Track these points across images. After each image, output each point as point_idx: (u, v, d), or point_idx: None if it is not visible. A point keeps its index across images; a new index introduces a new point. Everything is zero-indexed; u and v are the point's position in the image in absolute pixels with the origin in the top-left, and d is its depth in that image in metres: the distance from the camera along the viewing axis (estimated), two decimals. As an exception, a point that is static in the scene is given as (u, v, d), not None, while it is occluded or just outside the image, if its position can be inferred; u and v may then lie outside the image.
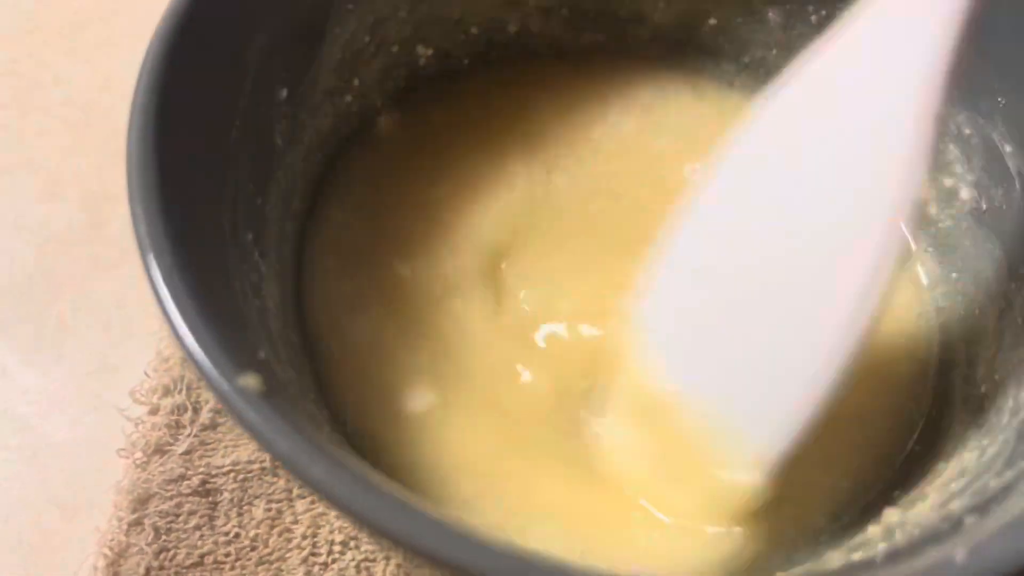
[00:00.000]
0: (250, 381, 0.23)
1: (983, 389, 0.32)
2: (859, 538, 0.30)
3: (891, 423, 0.34)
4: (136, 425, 0.36)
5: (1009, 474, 0.26)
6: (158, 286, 0.24)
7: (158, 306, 0.24)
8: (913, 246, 0.38)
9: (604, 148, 0.39)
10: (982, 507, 0.25)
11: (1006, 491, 0.25)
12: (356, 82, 0.37)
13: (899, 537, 0.28)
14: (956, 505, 0.27)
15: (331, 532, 0.34)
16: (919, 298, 0.37)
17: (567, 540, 0.29)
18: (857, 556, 0.28)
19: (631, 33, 0.41)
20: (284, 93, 0.33)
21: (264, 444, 0.22)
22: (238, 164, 0.30)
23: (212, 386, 0.22)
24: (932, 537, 0.26)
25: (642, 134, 0.39)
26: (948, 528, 0.25)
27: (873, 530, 0.30)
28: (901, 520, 0.29)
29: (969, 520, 0.25)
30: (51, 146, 0.44)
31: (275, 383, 0.24)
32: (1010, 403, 0.30)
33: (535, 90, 0.40)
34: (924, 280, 0.37)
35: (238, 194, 0.30)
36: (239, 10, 0.31)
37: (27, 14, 0.48)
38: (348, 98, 0.37)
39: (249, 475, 0.35)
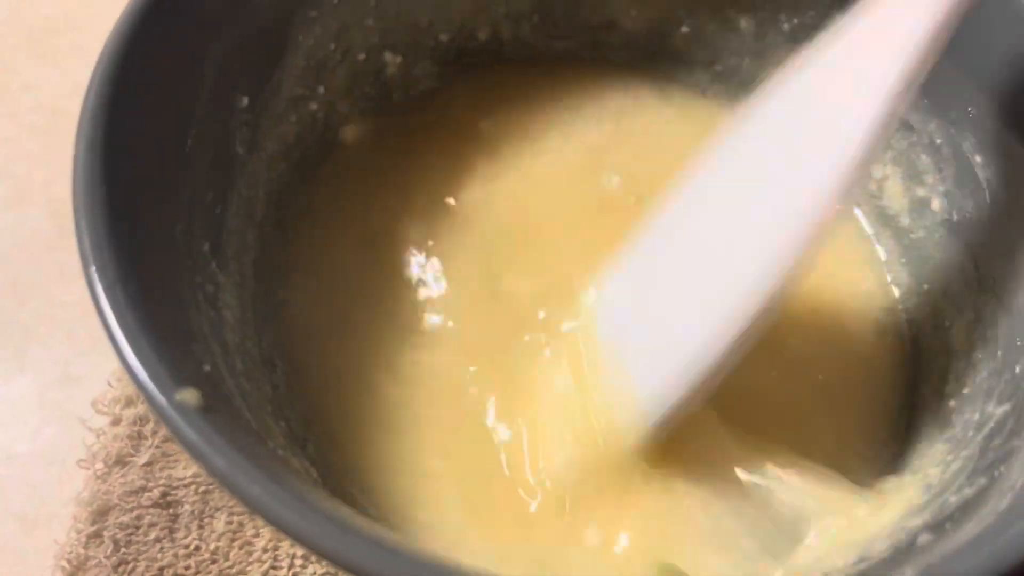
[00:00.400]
0: (188, 396, 0.22)
1: (952, 403, 0.32)
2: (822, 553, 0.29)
3: (862, 436, 0.34)
4: (97, 436, 0.36)
5: (968, 491, 0.26)
6: (100, 300, 0.24)
7: (100, 320, 0.24)
8: (882, 255, 0.38)
9: (566, 160, 0.38)
10: (938, 526, 0.25)
11: (964, 510, 0.25)
12: (321, 90, 0.37)
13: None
14: (915, 522, 0.27)
15: (292, 545, 0.34)
16: (891, 309, 0.37)
17: None
18: None
19: (602, 40, 0.41)
20: (245, 101, 0.33)
21: (200, 461, 0.21)
22: (194, 173, 0.30)
23: (149, 401, 0.22)
24: (888, 556, 0.25)
25: (607, 144, 0.38)
26: (903, 548, 0.25)
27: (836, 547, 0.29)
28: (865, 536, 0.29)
29: (923, 539, 0.24)
30: (19, 152, 0.43)
31: (219, 398, 0.24)
32: (977, 417, 0.30)
33: (505, 97, 0.40)
34: (896, 291, 0.37)
35: (194, 203, 0.30)
36: (195, 18, 0.30)
37: (-4, 19, 0.47)
38: (313, 106, 0.37)
39: (210, 487, 0.35)
